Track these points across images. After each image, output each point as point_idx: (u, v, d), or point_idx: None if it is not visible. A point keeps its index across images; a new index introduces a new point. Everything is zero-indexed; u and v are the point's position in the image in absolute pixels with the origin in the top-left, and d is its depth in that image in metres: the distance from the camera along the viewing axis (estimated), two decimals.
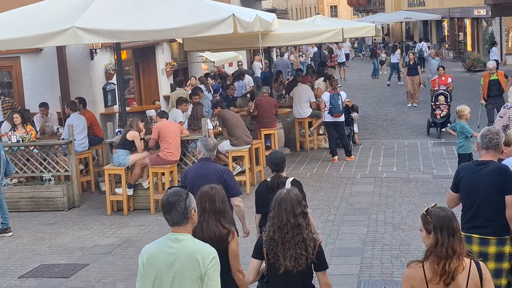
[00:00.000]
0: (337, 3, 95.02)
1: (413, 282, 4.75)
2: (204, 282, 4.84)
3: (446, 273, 4.62)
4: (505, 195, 6.61)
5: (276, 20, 15.21)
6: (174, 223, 5.01)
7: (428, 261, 4.72)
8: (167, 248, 4.99)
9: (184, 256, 4.90)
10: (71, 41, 12.46)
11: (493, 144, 6.78)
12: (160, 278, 4.93)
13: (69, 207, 13.97)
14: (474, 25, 45.65)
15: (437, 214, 4.78)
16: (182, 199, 4.97)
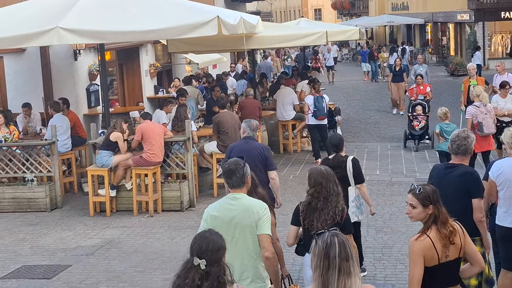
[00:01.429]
0: (321, 7, 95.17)
1: (425, 251, 5.36)
2: (258, 227, 6.09)
3: (452, 232, 5.42)
4: (472, 198, 6.93)
5: (261, 22, 15.23)
6: (234, 186, 6.27)
7: (431, 230, 5.43)
8: (228, 205, 6.23)
9: (242, 210, 6.15)
10: (55, 41, 12.40)
11: (462, 150, 7.07)
12: (223, 229, 5.50)
13: (52, 208, 13.92)
14: (458, 29, 45.94)
15: (430, 189, 5.57)
16: (240, 167, 6.28)
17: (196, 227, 12.18)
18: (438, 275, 5.42)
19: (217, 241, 4.66)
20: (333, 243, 4.33)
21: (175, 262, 10.49)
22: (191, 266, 4.51)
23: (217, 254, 4.57)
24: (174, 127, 14.70)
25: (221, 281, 4.45)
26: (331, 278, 4.28)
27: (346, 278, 4.27)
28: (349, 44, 59.67)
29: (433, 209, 5.49)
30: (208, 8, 14.13)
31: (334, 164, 8.84)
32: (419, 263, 5.37)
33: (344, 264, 4.28)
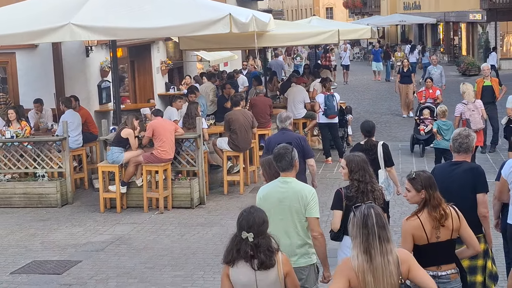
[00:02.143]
0: (332, 5, 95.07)
1: (414, 231, 5.97)
2: (306, 211, 6.55)
3: (443, 216, 5.95)
4: (476, 193, 7.04)
5: (272, 20, 15.21)
6: (283, 169, 6.68)
7: (423, 213, 6.02)
8: (278, 188, 6.66)
9: (291, 193, 6.57)
10: (67, 37, 12.45)
11: (464, 148, 7.22)
12: (273, 209, 6.42)
13: (62, 204, 13.96)
14: (469, 29, 45.75)
15: (424, 176, 6.15)
16: (289, 152, 6.72)
17: (206, 224, 12.28)
18: (430, 253, 5.95)
19: (261, 216, 5.35)
20: (370, 214, 4.95)
21: (185, 259, 10.53)
22: (240, 239, 5.26)
23: (262, 227, 5.30)
24: (185, 124, 14.71)
25: (270, 250, 5.25)
26: (373, 244, 4.87)
27: (385, 243, 4.89)
28: (360, 43, 59.53)
29: (425, 193, 6.04)
30: (220, 5, 14.12)
31: (367, 148, 9.73)
32: (409, 241, 5.98)
33: (382, 231, 4.91)
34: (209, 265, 10.17)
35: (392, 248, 4.94)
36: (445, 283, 6.01)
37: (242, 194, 14.38)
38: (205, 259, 10.46)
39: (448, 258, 6.05)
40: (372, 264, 4.86)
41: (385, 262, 4.86)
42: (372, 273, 4.85)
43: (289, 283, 5.39)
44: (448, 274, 6.05)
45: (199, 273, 9.89)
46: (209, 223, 12.44)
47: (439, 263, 6.02)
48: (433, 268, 5.98)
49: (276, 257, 5.29)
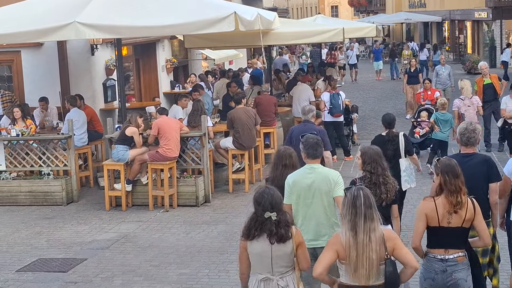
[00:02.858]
0: (338, 3, 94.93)
1: (427, 211, 6.35)
2: (334, 191, 7.15)
3: (458, 203, 6.25)
4: (489, 183, 7.41)
5: (277, 18, 15.21)
6: (315, 157, 7.30)
7: (440, 197, 6.35)
8: (306, 175, 7.24)
9: (320, 178, 7.20)
10: (72, 35, 12.47)
11: (472, 142, 7.61)
12: (302, 194, 7.18)
13: (68, 202, 13.99)
14: (475, 27, 45.68)
15: (444, 162, 6.52)
16: (320, 141, 7.44)
17: (211, 222, 12.29)
18: (440, 236, 6.35)
19: (279, 194, 5.99)
20: (359, 194, 5.57)
21: (190, 256, 10.53)
22: (264, 219, 5.83)
23: (281, 204, 5.95)
24: (190, 122, 14.71)
25: (287, 225, 5.85)
26: (359, 222, 5.51)
27: (370, 222, 5.52)
28: (366, 41, 59.45)
29: (441, 178, 6.39)
30: (225, 4, 14.10)
31: (389, 138, 10.54)
32: (422, 219, 6.39)
33: (368, 211, 5.53)
34: (214, 263, 10.18)
35: (376, 226, 5.55)
36: (453, 266, 6.33)
37: (247, 192, 14.38)
38: (210, 257, 10.47)
39: (457, 244, 6.35)
40: (356, 240, 5.51)
41: (367, 239, 5.49)
42: (356, 249, 5.50)
43: (300, 253, 5.94)
44: (455, 257, 6.35)
45: (204, 271, 9.90)
46: (214, 221, 12.44)
47: (447, 246, 6.33)
48: (441, 251, 6.36)
49: (291, 230, 5.88)
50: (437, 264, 6.36)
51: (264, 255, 5.88)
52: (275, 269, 5.92)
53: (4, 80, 17.39)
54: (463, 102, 15.55)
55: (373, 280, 5.55)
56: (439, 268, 6.35)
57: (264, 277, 5.96)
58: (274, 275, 5.94)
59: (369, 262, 5.50)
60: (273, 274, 5.94)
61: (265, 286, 5.96)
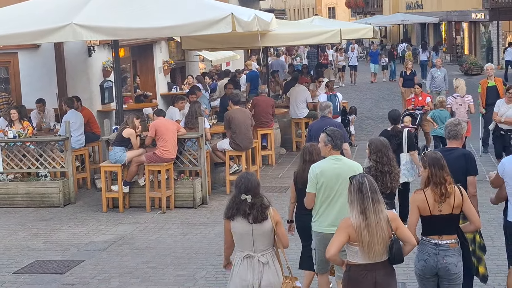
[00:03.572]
0: (335, 5, 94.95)
1: (418, 203, 6.78)
2: None
3: (443, 194, 6.70)
4: (467, 176, 7.78)
5: (275, 20, 15.22)
6: (339, 148, 7.74)
7: (428, 188, 6.78)
8: (332, 165, 7.60)
9: (346, 168, 7.47)
10: (70, 37, 12.44)
11: (452, 135, 8.06)
12: (329, 182, 7.49)
13: (65, 204, 13.98)
14: (472, 28, 45.73)
15: (430, 155, 6.95)
16: (341, 133, 7.87)
17: (209, 224, 12.28)
18: (433, 224, 6.81)
19: (256, 180, 6.58)
20: (364, 181, 6.11)
21: (187, 258, 10.53)
22: (240, 200, 6.48)
23: (257, 188, 6.52)
24: (187, 124, 14.71)
25: (263, 207, 6.45)
26: (367, 205, 6.02)
27: (377, 204, 6.05)
28: (363, 43, 59.48)
29: (428, 171, 6.82)
30: (222, 5, 14.12)
31: (393, 133, 11.50)
32: (415, 211, 6.83)
33: (374, 195, 6.07)
34: (211, 264, 10.17)
35: (383, 208, 6.09)
36: (445, 251, 6.79)
37: None
38: (207, 258, 10.47)
39: (449, 230, 6.82)
40: (367, 222, 6.01)
41: (378, 220, 6.01)
42: (368, 229, 6.00)
43: (278, 230, 6.56)
44: (447, 243, 6.81)
45: (201, 273, 9.89)
46: (211, 223, 12.44)
47: (441, 233, 6.80)
48: (435, 237, 6.83)
49: (268, 211, 6.48)
50: (431, 248, 6.83)
51: (245, 234, 6.51)
52: (256, 246, 6.52)
53: (1, 81, 17.40)
54: (455, 100, 16.21)
55: (383, 257, 6.10)
56: (432, 251, 6.82)
57: (246, 254, 6.57)
58: (256, 252, 6.54)
59: (382, 241, 6.03)
60: (255, 251, 6.54)
61: (248, 263, 6.56)
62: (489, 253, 9.80)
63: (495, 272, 9.37)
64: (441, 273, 6.82)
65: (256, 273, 6.53)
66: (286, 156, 18.31)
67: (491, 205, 12.39)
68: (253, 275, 6.54)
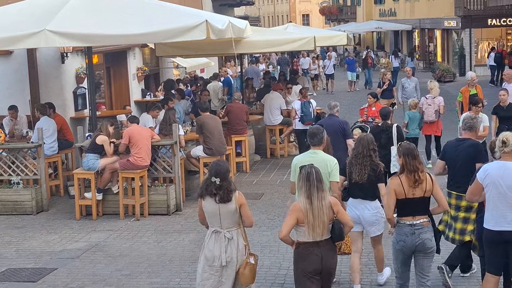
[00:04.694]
0: (309, 12, 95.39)
1: (395, 187, 7.69)
2: (330, 175, 8.57)
3: (417, 180, 7.63)
4: (475, 163, 8.65)
5: (249, 27, 15.24)
6: (315, 144, 8.83)
7: (403, 175, 7.69)
8: (308, 157, 8.64)
9: (320, 161, 8.44)
10: (42, 43, 12.35)
11: (468, 126, 9.20)
12: None
13: (38, 211, 13.87)
14: (444, 36, 46.12)
15: (404, 146, 7.86)
16: (320, 131, 8.90)
17: (183, 231, 12.26)
18: (407, 206, 7.72)
19: (226, 166, 7.51)
20: (311, 171, 7.08)
21: (162, 265, 10.49)
22: (210, 182, 7.40)
23: (226, 174, 7.44)
24: (161, 130, 14.68)
25: (229, 190, 7.38)
26: (313, 191, 7.01)
27: (321, 191, 7.03)
28: (337, 50, 59.69)
29: (402, 160, 7.74)
30: (197, 12, 14.13)
31: (383, 129, 12.85)
32: (392, 195, 7.74)
33: (319, 184, 7.05)
34: (185, 271, 10.15)
35: (326, 195, 7.08)
36: (420, 229, 7.71)
37: None
38: (181, 265, 10.44)
39: (421, 211, 7.75)
40: (312, 206, 6.98)
41: (320, 205, 6.98)
42: (312, 212, 6.97)
43: (242, 211, 7.50)
44: (421, 222, 7.73)
45: (175, 280, 9.86)
46: (185, 230, 12.41)
47: (414, 214, 7.73)
48: (409, 218, 7.75)
49: (234, 194, 7.41)
50: (407, 229, 7.74)
51: (213, 212, 7.48)
52: (223, 224, 7.51)
53: None
54: (426, 101, 16.91)
55: (325, 236, 7.07)
56: (409, 231, 7.72)
57: (214, 230, 7.57)
58: (222, 228, 7.52)
59: (323, 223, 7.00)
60: (221, 227, 7.52)
61: (215, 237, 7.55)
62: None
63: (467, 276, 9.44)
64: (418, 249, 7.74)
65: (222, 246, 7.50)
66: (261, 163, 18.32)
67: None
68: (219, 248, 7.51)
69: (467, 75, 18.52)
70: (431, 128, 16.82)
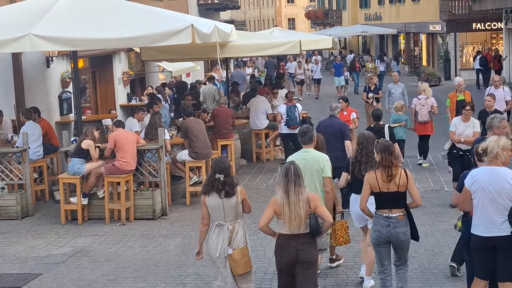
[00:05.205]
0: (294, 16, 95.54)
1: (370, 181, 8.15)
2: (322, 171, 9.06)
3: (389, 175, 8.05)
4: None
5: (235, 31, 15.22)
6: (305, 142, 9.24)
7: (379, 170, 8.11)
8: (301, 156, 9.16)
9: (311, 159, 9.10)
10: (27, 48, 12.29)
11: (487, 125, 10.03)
12: None
13: (23, 216, 13.80)
14: (430, 40, 46.32)
15: (382, 143, 8.26)
16: (310, 130, 9.35)
17: (169, 236, 12.23)
18: (383, 199, 8.18)
19: (228, 162, 7.97)
20: (290, 167, 7.45)
21: (147, 270, 10.46)
22: (215, 179, 7.82)
23: (229, 170, 7.91)
24: (147, 135, 14.66)
25: (232, 184, 7.84)
26: (290, 186, 7.38)
27: (298, 187, 7.38)
28: (322, 54, 59.74)
29: (378, 156, 8.14)
30: (182, 16, 14.12)
31: (376, 130, 13.39)
32: (366, 188, 8.22)
33: (297, 179, 7.40)
34: (171, 276, 10.13)
35: (303, 190, 7.41)
36: (395, 222, 8.15)
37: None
38: (167, 270, 10.42)
39: (397, 205, 8.15)
40: (288, 200, 7.35)
41: (297, 199, 7.33)
42: (288, 206, 7.34)
43: (244, 204, 7.98)
44: (397, 215, 8.15)
45: (161, 285, 9.84)
46: (171, 234, 12.39)
47: (390, 207, 8.16)
48: (386, 211, 8.20)
49: (236, 189, 7.85)
50: (383, 220, 8.19)
51: (217, 207, 7.87)
52: (226, 217, 7.91)
53: None
54: (419, 101, 17.26)
55: (302, 230, 7.37)
56: (384, 223, 8.18)
57: (218, 223, 7.96)
58: (226, 222, 7.92)
59: (299, 216, 7.33)
60: (225, 221, 7.92)
61: (219, 230, 7.95)
62: (447, 262, 9.93)
63: (453, 280, 9.49)
64: (392, 241, 8.21)
65: (225, 238, 7.90)
66: (246, 167, 18.32)
67: (449, 215, 12.65)
68: (222, 239, 7.92)
69: (454, 81, 18.18)
70: (425, 128, 17.30)
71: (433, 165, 17.58)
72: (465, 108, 13.78)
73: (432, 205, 13.66)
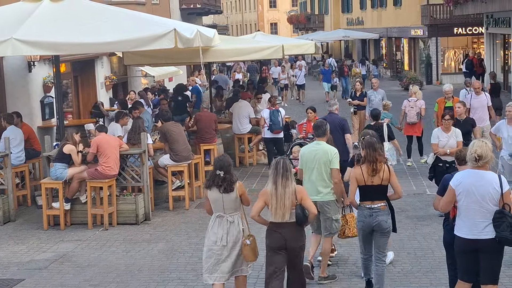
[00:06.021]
0: (277, 21, 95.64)
1: (356, 175, 8.83)
2: (331, 163, 9.72)
3: (374, 170, 8.74)
4: None
5: (217, 35, 15.24)
6: (319, 135, 9.98)
7: (364, 165, 8.77)
8: (313, 148, 9.96)
9: (321, 151, 9.82)
10: (9, 52, 12.23)
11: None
12: (309, 161, 9.83)
13: (4, 221, 13.73)
14: (411, 44, 46.54)
15: (367, 139, 8.89)
16: (324, 124, 10.13)
17: (152, 240, 12.20)
18: (367, 192, 8.87)
19: (229, 160, 8.55)
20: (279, 161, 8.20)
21: (130, 275, 10.43)
22: (215, 174, 8.40)
23: (229, 167, 8.47)
24: (130, 139, 14.62)
25: (231, 181, 8.40)
26: (278, 179, 8.11)
27: (286, 179, 8.10)
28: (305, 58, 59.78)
29: (364, 151, 8.83)
30: (165, 21, 14.11)
31: (375, 128, 14.58)
32: (353, 182, 8.90)
33: (285, 172, 8.11)
34: (154, 281, 10.11)
35: (290, 183, 8.10)
36: (377, 212, 8.84)
37: (188, 209, 14.34)
38: (150, 275, 10.39)
39: (379, 197, 8.88)
40: (276, 191, 8.07)
41: (284, 192, 8.04)
42: (276, 197, 8.06)
43: (242, 198, 8.56)
44: (378, 206, 8.86)
45: None
46: (154, 239, 12.36)
47: (373, 199, 8.87)
48: (368, 203, 8.89)
49: (235, 185, 8.43)
50: (366, 211, 8.88)
51: (218, 200, 8.47)
52: (226, 210, 8.50)
53: None
54: (409, 103, 18.00)
55: (287, 219, 8.08)
56: (368, 213, 8.87)
57: (218, 214, 8.54)
58: (225, 213, 8.50)
59: (284, 206, 8.05)
60: (224, 213, 8.50)
61: (219, 221, 8.53)
62: (430, 266, 9.99)
63: (435, 284, 9.53)
64: (375, 228, 8.86)
65: (225, 228, 8.48)
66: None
67: (432, 218, 12.70)
68: (222, 230, 8.48)
69: (443, 88, 17.90)
70: (413, 129, 18.06)
71: (415, 169, 17.66)
72: (444, 118, 13.22)
73: (415, 209, 13.72)
